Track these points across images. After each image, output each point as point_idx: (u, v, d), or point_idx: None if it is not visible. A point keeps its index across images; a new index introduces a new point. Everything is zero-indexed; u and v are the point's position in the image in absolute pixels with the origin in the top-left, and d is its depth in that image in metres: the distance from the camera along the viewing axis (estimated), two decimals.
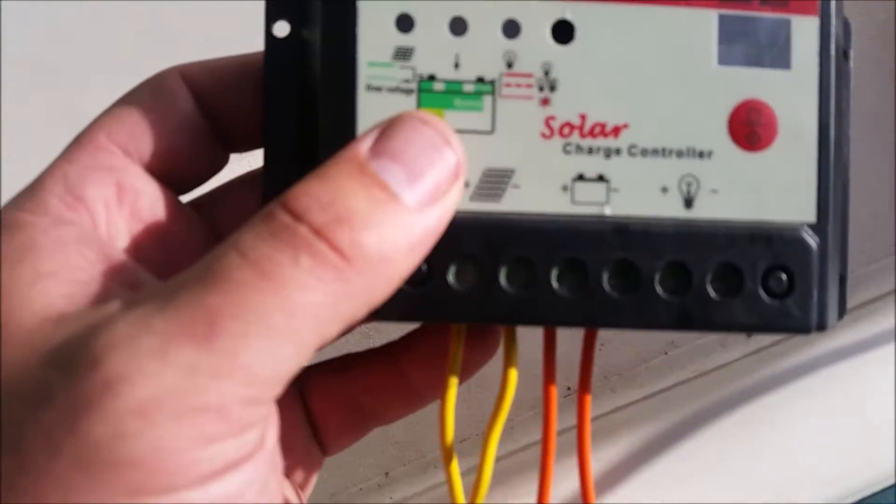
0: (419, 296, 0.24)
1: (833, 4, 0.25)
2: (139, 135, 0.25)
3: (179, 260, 0.24)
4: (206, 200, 0.28)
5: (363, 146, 0.22)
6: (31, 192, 0.23)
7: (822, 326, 0.25)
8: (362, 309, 0.22)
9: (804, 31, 0.25)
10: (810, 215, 0.25)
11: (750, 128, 0.25)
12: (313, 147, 0.25)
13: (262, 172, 0.26)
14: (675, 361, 0.44)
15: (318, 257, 0.20)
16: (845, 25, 0.26)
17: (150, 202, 0.25)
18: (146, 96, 0.25)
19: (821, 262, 0.25)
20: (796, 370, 0.41)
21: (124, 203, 0.24)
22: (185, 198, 0.27)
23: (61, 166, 0.24)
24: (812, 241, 0.25)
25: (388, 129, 0.23)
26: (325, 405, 0.29)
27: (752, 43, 0.25)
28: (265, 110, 0.26)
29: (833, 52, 0.25)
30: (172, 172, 0.26)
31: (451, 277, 0.24)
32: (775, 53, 0.25)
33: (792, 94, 0.25)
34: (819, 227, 0.25)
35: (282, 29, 0.26)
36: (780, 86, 0.25)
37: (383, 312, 0.23)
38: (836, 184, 0.25)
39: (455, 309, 0.24)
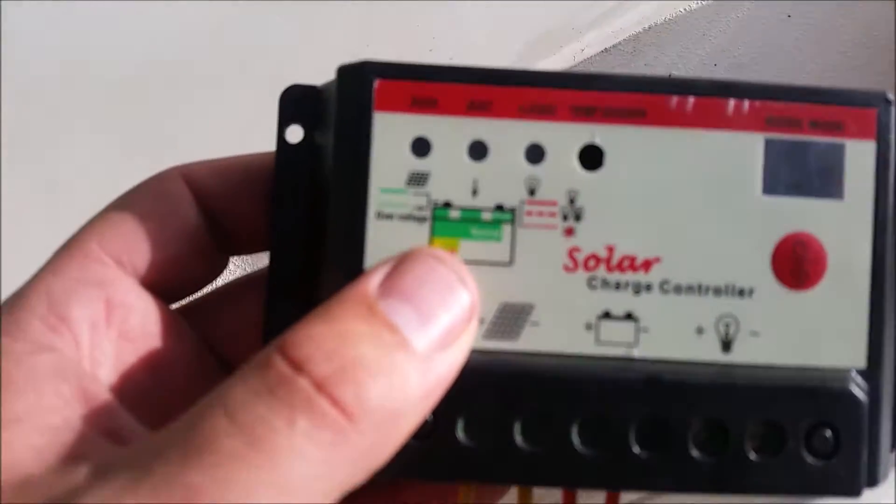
0: (424, 450, 0.22)
1: (893, 126, 0.23)
2: (135, 244, 0.23)
3: (170, 379, 0.23)
4: (199, 306, 0.26)
5: (372, 283, 0.21)
6: (12, 310, 0.21)
7: (872, 483, 0.23)
8: (362, 474, 0.20)
9: (859, 157, 0.23)
10: (860, 360, 0.23)
11: (796, 264, 0.23)
12: (321, 266, 0.24)
13: (266, 294, 0.24)
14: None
15: (318, 418, 0.18)
16: None
17: (140, 319, 0.23)
18: (145, 200, 0.24)
19: (871, 413, 0.23)
20: None
21: (113, 322, 0.22)
22: (178, 305, 0.25)
23: (46, 279, 0.22)
24: (861, 391, 0.22)
25: (399, 265, 0.21)
26: None
27: (801, 171, 0.23)
28: (274, 220, 0.24)
29: (892, 178, 0.23)
30: (167, 282, 0.24)
31: (459, 431, 0.22)
32: (826, 182, 0.23)
33: (844, 227, 0.23)
34: (870, 373, 0.23)
35: (295, 134, 0.24)
36: (830, 218, 0.23)
37: (385, 471, 0.21)
38: (890, 321, 0.23)
39: (463, 467, 0.22)
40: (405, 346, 0.20)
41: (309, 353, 0.19)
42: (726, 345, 0.23)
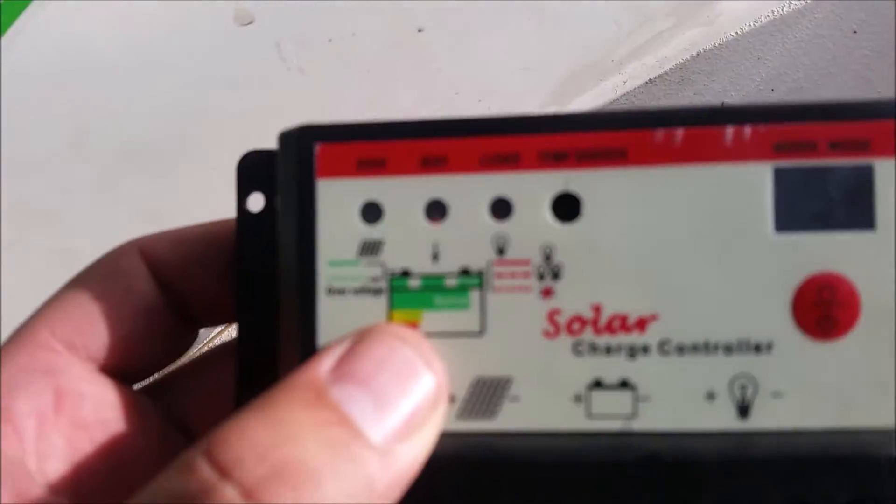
0: None
1: None
2: (88, 326, 0.22)
3: (130, 465, 0.22)
4: (167, 382, 0.25)
5: (323, 366, 0.19)
6: None
7: None
8: None
9: (892, 178, 0.20)
10: None
11: (822, 310, 0.20)
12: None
13: (237, 370, 0.23)
14: None
15: None
16: None
17: (94, 406, 0.22)
18: (99, 279, 0.22)
19: None
20: None
21: (63, 412, 0.21)
22: (144, 383, 0.24)
23: None
24: None
25: (355, 346, 0.19)
26: None
27: (821, 201, 0.20)
28: (238, 293, 0.22)
29: None
30: (126, 364, 0.23)
31: None
32: (854, 211, 0.20)
33: (878, 262, 0.20)
34: None
35: (256, 203, 0.22)
36: (861, 253, 0.20)
37: None
38: None
39: None
40: (359, 438, 0.18)
41: (239, 454, 0.17)
42: (743, 410, 0.20)
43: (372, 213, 0.21)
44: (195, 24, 0.49)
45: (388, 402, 0.18)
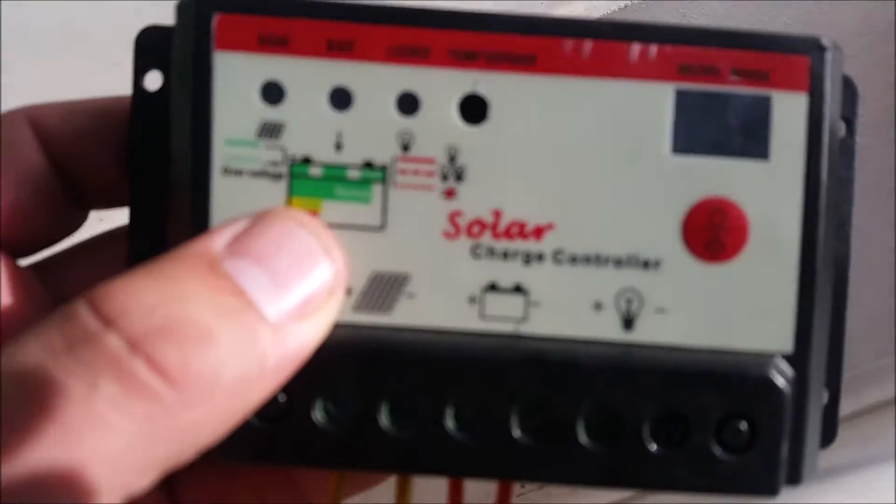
0: (274, 434, 0.19)
1: (828, 76, 0.20)
2: None
3: (6, 336, 0.20)
4: (56, 262, 0.24)
5: (218, 241, 0.18)
6: None
7: (794, 480, 0.20)
8: (187, 451, 0.17)
9: (789, 112, 0.20)
10: (786, 344, 0.20)
11: (711, 233, 0.20)
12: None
13: (126, 253, 0.22)
14: None
15: (129, 383, 0.16)
16: (848, 87, 0.22)
17: None
18: None
19: (797, 403, 0.20)
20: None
21: None
22: (30, 260, 0.23)
23: None
24: (784, 380, 0.20)
25: (252, 226, 0.19)
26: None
27: (719, 126, 0.20)
28: (131, 179, 0.22)
29: (826, 137, 0.20)
30: (13, 235, 0.22)
31: (317, 413, 0.20)
32: (749, 140, 0.20)
33: (769, 191, 0.20)
34: (797, 358, 0.20)
35: (154, 81, 0.21)
36: (753, 181, 0.20)
37: (223, 451, 0.19)
38: (822, 299, 0.21)
39: (321, 453, 0.20)
40: (251, 310, 0.17)
41: (125, 306, 0.17)
42: (628, 322, 0.20)
43: (273, 93, 0.20)
44: None
45: (284, 283, 0.18)
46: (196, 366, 0.17)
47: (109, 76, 0.23)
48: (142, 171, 0.21)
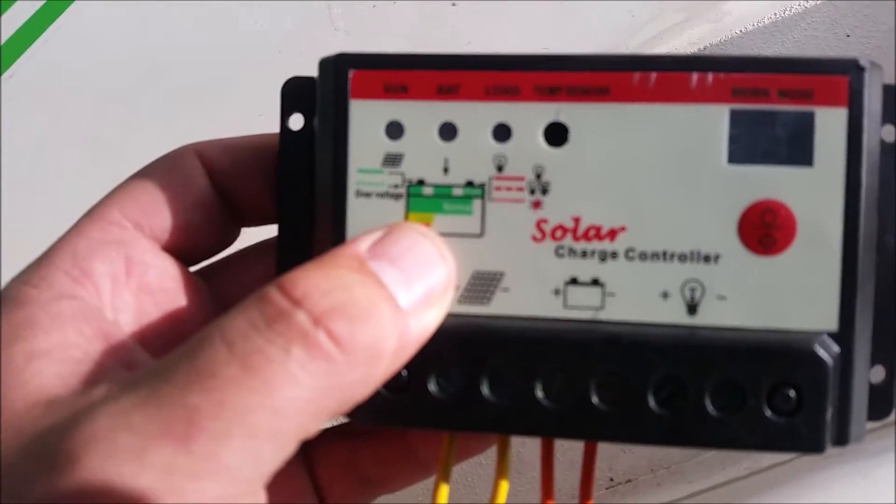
0: (399, 402, 0.24)
1: (866, 92, 0.23)
2: (152, 211, 0.25)
3: (187, 330, 0.25)
4: (216, 268, 0.28)
5: (362, 245, 0.23)
6: (39, 266, 0.24)
7: (842, 442, 0.23)
8: (346, 405, 0.22)
9: (830, 125, 0.23)
10: (832, 323, 0.23)
11: (764, 230, 0.23)
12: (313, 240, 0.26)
13: (276, 261, 0.26)
14: (727, 457, 0.41)
15: (313, 349, 0.20)
16: (894, 96, 0.24)
17: (158, 275, 0.25)
18: (161, 173, 0.26)
19: (842, 374, 0.23)
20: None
21: (132, 276, 0.25)
22: (197, 267, 0.28)
23: (71, 240, 0.24)
24: (827, 354, 0.23)
25: (387, 235, 0.23)
26: (333, 474, 0.28)
27: (768, 139, 0.23)
28: (279, 200, 0.26)
29: (865, 145, 0.23)
30: (183, 247, 0.26)
31: (431, 385, 0.24)
32: (795, 150, 0.23)
33: (813, 193, 0.23)
34: (842, 336, 0.23)
35: (296, 122, 0.26)
36: (799, 185, 0.23)
37: (362, 416, 0.23)
38: (864, 285, 0.23)
39: (435, 417, 0.24)
40: (391, 299, 0.22)
41: (307, 290, 0.21)
42: (692, 308, 0.23)
43: (395, 130, 0.24)
44: None
45: (413, 279, 0.23)
46: (360, 337, 0.21)
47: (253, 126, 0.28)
48: (288, 196, 0.26)
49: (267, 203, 0.27)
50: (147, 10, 0.55)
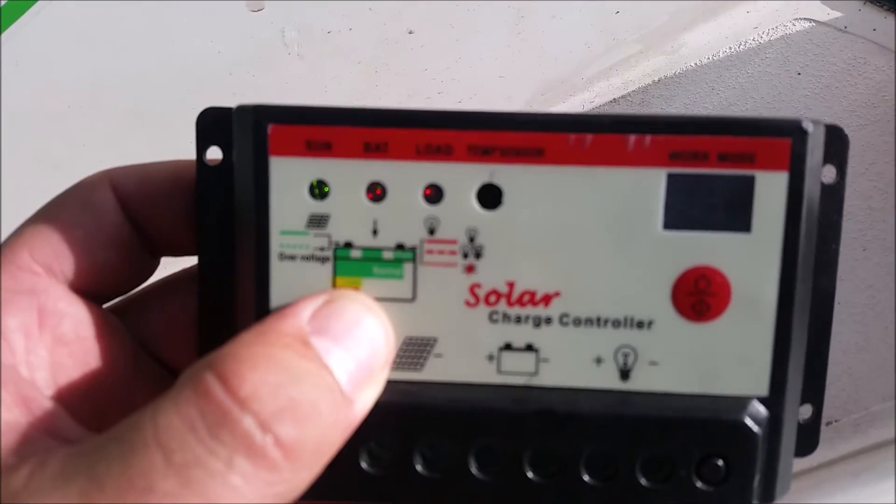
0: (329, 477, 0.23)
1: (809, 155, 0.22)
2: (64, 253, 0.24)
3: (106, 378, 0.24)
4: (133, 303, 0.27)
5: (303, 316, 0.22)
6: None
7: (767, 500, 0.23)
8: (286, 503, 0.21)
9: (770, 189, 0.22)
10: (762, 389, 0.23)
11: (698, 297, 0.23)
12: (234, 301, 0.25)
13: (198, 304, 0.25)
14: None
15: (259, 459, 0.19)
16: (838, 135, 0.23)
17: (73, 324, 0.24)
18: (72, 209, 0.24)
19: (770, 437, 0.23)
20: None
21: (46, 328, 0.23)
22: (112, 303, 0.26)
23: None
24: (756, 423, 0.23)
25: (328, 305, 0.22)
26: None
27: (706, 205, 0.23)
28: (198, 240, 0.25)
29: (805, 208, 0.23)
30: (98, 286, 0.25)
31: (363, 460, 0.23)
32: (733, 216, 0.23)
33: (750, 260, 0.23)
34: (773, 400, 0.23)
35: (214, 154, 0.25)
36: (736, 251, 0.23)
37: None
38: (796, 348, 0.23)
39: (365, 491, 0.23)
40: (338, 389, 0.21)
41: (255, 390, 0.19)
42: (624, 374, 0.23)
43: (319, 190, 0.23)
44: (213, 7, 0.53)
45: (356, 360, 0.22)
46: (308, 440, 0.20)
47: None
48: (207, 234, 0.25)
49: (184, 234, 0.25)
50: (96, 28, 0.54)
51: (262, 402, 0.19)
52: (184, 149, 0.26)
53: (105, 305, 0.26)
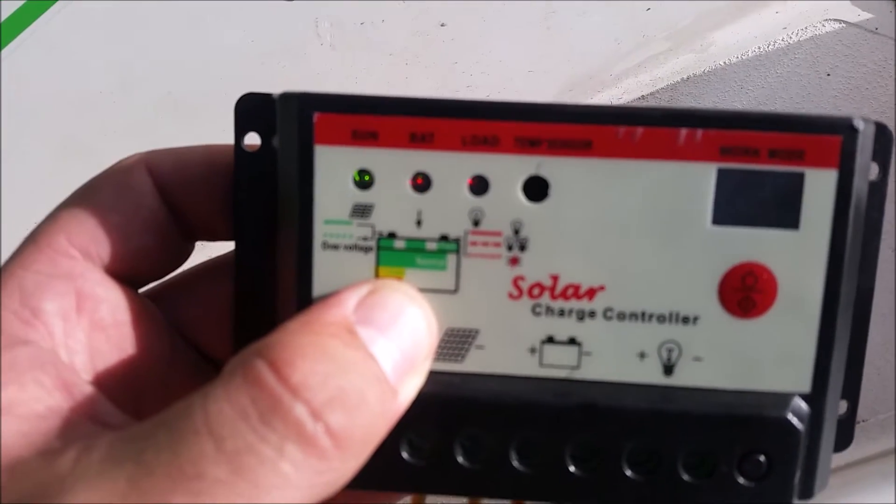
0: (370, 466, 0.22)
1: (859, 154, 0.22)
2: (101, 237, 0.24)
3: (143, 363, 0.24)
4: (169, 288, 0.27)
5: (348, 305, 0.22)
6: None
7: (806, 496, 0.23)
8: (332, 494, 0.21)
9: (819, 187, 0.22)
10: (805, 385, 0.23)
11: (744, 293, 0.23)
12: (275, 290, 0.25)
13: (234, 291, 0.25)
14: None
15: (310, 447, 0.19)
16: (883, 133, 0.23)
17: (110, 309, 0.24)
18: (109, 193, 0.24)
19: (811, 434, 0.23)
20: None
21: (84, 313, 0.23)
22: (148, 287, 0.26)
23: (16, 274, 0.23)
24: (798, 419, 0.23)
25: (372, 295, 0.22)
26: None
27: (755, 200, 0.22)
28: (236, 226, 0.25)
29: (853, 207, 0.22)
30: (135, 271, 0.25)
31: (404, 450, 0.23)
32: (782, 212, 0.22)
33: (797, 257, 0.23)
34: (814, 397, 0.23)
35: (252, 140, 0.25)
36: (784, 248, 0.23)
37: None
38: (839, 346, 0.23)
39: (406, 481, 0.23)
40: (384, 379, 0.21)
41: (305, 378, 0.19)
42: (668, 369, 0.23)
43: (364, 179, 0.23)
44: None
45: (401, 350, 0.21)
46: (357, 429, 0.20)
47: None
48: (245, 220, 0.25)
49: (220, 219, 0.25)
50: (129, 16, 0.54)
51: (312, 390, 0.19)
52: (215, 137, 0.26)
53: (141, 290, 0.26)
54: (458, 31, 0.54)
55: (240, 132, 0.24)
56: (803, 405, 0.23)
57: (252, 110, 0.24)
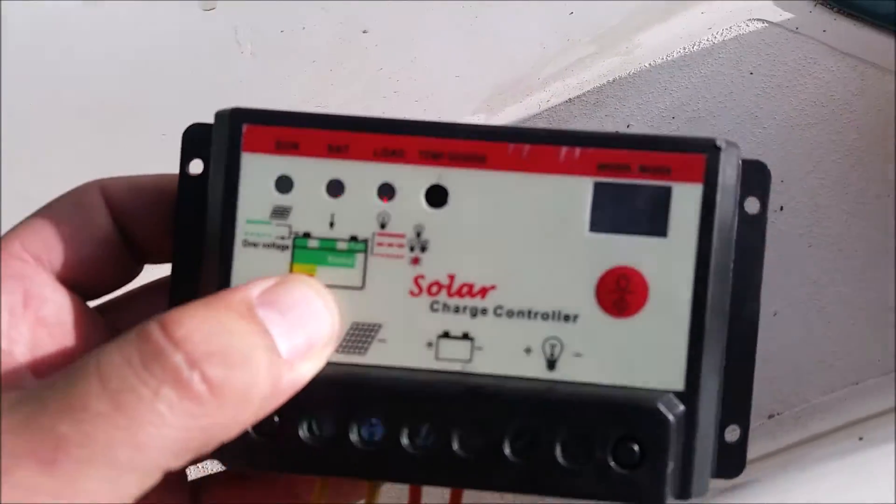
0: (267, 445, 0.25)
1: (722, 170, 0.25)
2: (53, 245, 0.26)
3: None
4: (115, 304, 0.29)
5: (253, 291, 0.24)
6: None
7: (684, 496, 0.25)
8: (210, 445, 0.23)
9: (685, 199, 0.25)
10: (678, 383, 0.25)
11: (619, 294, 0.25)
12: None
13: (168, 301, 0.27)
14: None
15: (184, 390, 0.22)
16: (760, 171, 0.26)
17: (55, 309, 0.26)
18: (64, 208, 0.27)
19: (685, 431, 0.25)
20: None
21: (29, 309, 0.25)
22: (96, 302, 0.29)
23: None
24: (670, 412, 0.24)
25: (279, 285, 0.24)
26: None
27: (627, 211, 0.25)
28: (175, 243, 0.27)
29: (717, 218, 0.25)
30: (83, 281, 0.27)
31: (302, 430, 0.25)
32: (652, 221, 0.25)
33: (666, 261, 0.25)
34: (688, 395, 0.25)
35: (196, 167, 0.27)
36: (653, 253, 0.25)
37: (229, 458, 0.25)
38: (711, 348, 0.25)
39: (303, 462, 0.25)
40: (273, 349, 0.23)
41: (188, 333, 0.22)
42: (551, 363, 0.25)
43: (284, 184, 0.26)
44: (165, 6, 0.53)
45: (297, 332, 0.24)
46: (233, 381, 0.22)
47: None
48: (183, 238, 0.27)
49: (166, 242, 0.28)
50: (45, 24, 0.54)
51: (194, 343, 0.22)
52: (133, 146, 0.27)
53: (88, 303, 0.28)
54: (382, 38, 0.55)
55: (185, 159, 0.27)
56: (676, 401, 0.25)
57: (197, 139, 0.27)
